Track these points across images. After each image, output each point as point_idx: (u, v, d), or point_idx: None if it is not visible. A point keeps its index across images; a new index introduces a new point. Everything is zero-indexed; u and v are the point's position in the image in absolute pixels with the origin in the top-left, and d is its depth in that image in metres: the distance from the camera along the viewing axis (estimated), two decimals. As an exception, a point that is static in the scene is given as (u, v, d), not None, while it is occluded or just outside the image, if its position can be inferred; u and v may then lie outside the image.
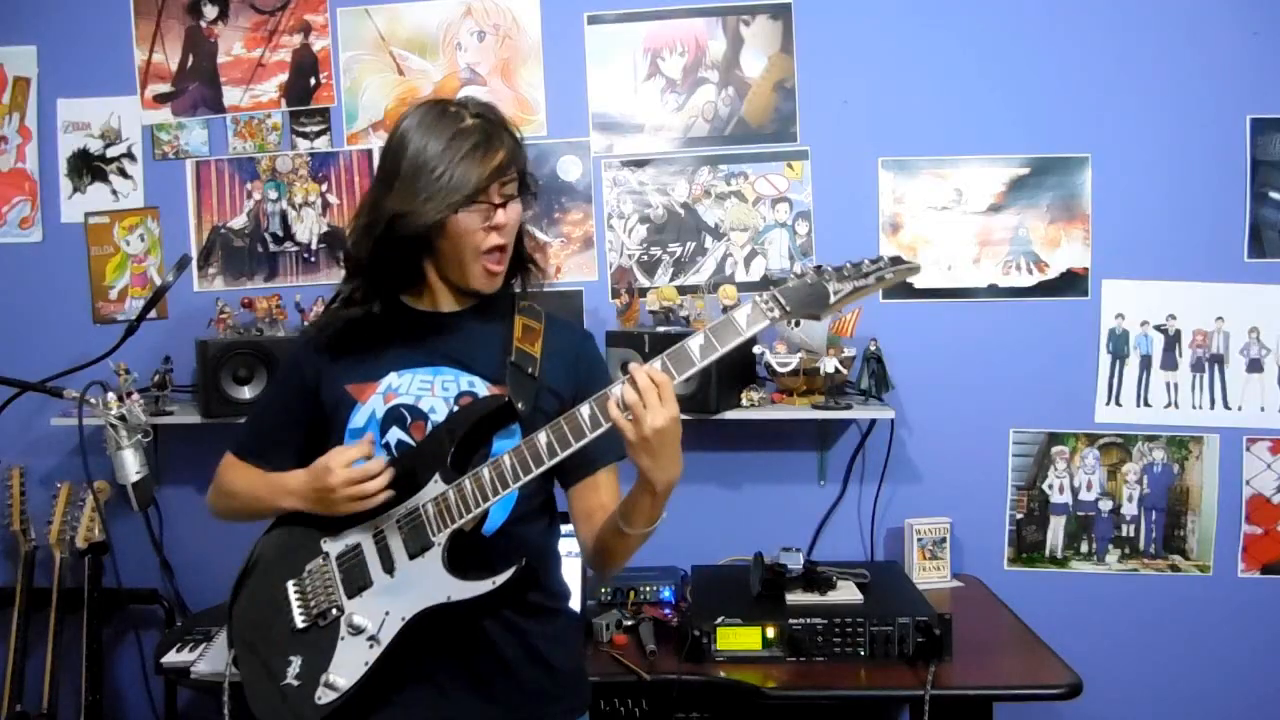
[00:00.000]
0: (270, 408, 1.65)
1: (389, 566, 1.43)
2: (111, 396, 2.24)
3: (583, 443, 1.34)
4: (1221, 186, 2.51)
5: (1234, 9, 2.47)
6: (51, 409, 2.42)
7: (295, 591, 1.48)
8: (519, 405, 1.43)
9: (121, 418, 2.21)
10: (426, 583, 1.40)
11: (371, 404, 1.48)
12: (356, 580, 1.44)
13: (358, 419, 1.48)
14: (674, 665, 2.04)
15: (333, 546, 1.47)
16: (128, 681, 2.78)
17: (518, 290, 1.58)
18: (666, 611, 2.31)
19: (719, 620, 2.06)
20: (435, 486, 1.41)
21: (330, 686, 1.40)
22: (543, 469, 1.35)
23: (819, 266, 1.31)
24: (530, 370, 1.48)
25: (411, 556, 1.41)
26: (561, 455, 1.34)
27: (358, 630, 1.42)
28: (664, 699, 2.05)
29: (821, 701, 2.04)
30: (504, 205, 1.43)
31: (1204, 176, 2.51)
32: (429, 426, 1.46)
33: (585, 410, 1.33)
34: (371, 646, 1.40)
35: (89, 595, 2.53)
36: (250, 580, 1.55)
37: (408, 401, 1.47)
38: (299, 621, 1.46)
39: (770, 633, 2.05)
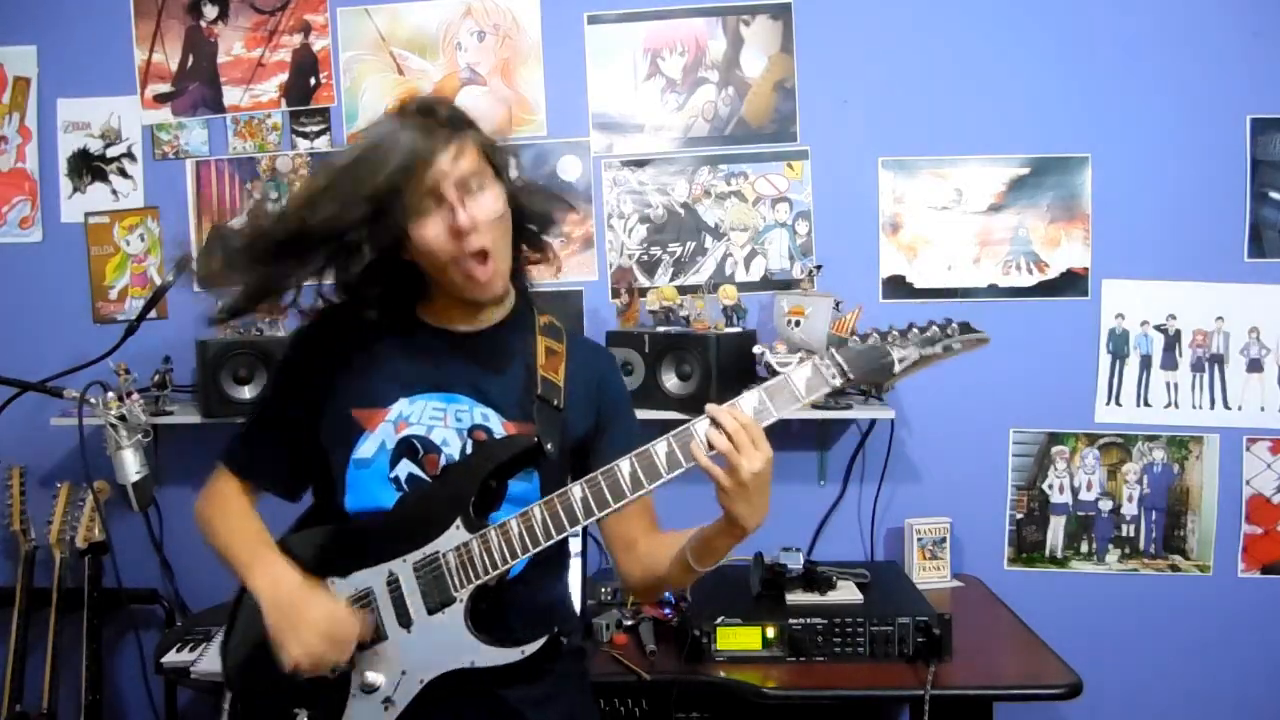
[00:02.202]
0: (265, 417, 1.47)
1: (405, 620, 1.32)
2: (111, 396, 2.24)
3: (623, 504, 1.26)
4: (1221, 186, 2.51)
5: (1234, 9, 2.47)
6: (51, 409, 2.42)
7: None
8: (548, 447, 1.33)
9: (121, 418, 2.21)
10: (447, 643, 1.30)
11: (381, 433, 1.35)
12: None
13: (365, 449, 1.35)
14: (674, 665, 2.04)
15: (341, 589, 1.34)
16: (128, 681, 2.78)
17: (535, 302, 1.47)
18: (666, 611, 2.31)
19: (719, 620, 2.06)
20: (457, 534, 1.31)
21: None
22: (576, 528, 1.27)
23: (885, 333, 1.22)
24: (556, 403, 1.38)
25: (431, 611, 1.31)
26: (599, 515, 1.27)
27: (370, 689, 1.32)
28: (664, 699, 2.05)
29: (821, 701, 2.04)
30: (463, 207, 1.27)
31: (1204, 176, 2.51)
32: (442, 460, 1.35)
33: (625, 467, 1.24)
34: (387, 709, 1.31)
35: (89, 595, 2.53)
36: (243, 614, 1.40)
37: (419, 432, 1.35)
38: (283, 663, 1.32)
39: (770, 633, 2.05)
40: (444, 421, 1.36)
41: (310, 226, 1.26)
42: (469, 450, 1.35)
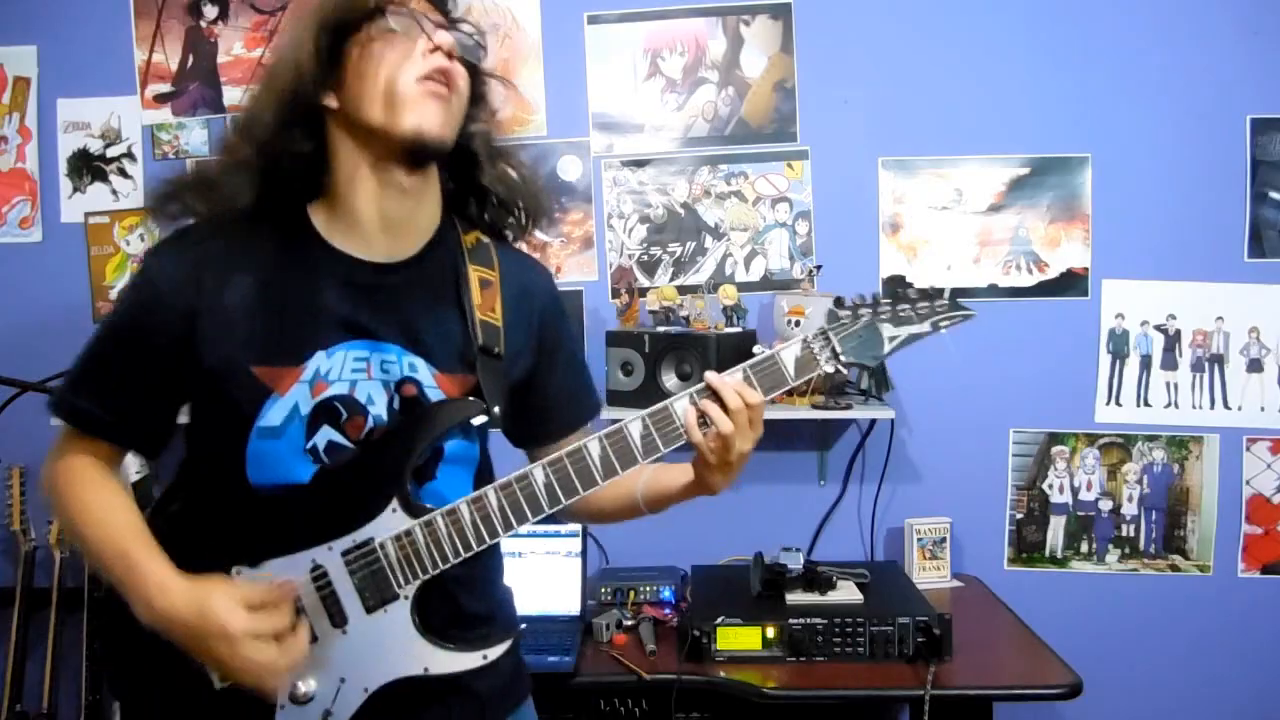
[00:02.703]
0: (120, 361, 1.14)
1: (339, 619, 1.12)
2: (111, 396, 2.24)
3: (591, 490, 1.14)
4: (1221, 186, 2.51)
5: (1234, 9, 2.47)
6: (52, 409, 2.42)
7: None
8: (495, 410, 1.16)
9: (121, 418, 2.21)
10: (392, 646, 1.12)
11: (294, 396, 1.10)
12: None
13: (272, 416, 1.10)
14: (674, 665, 2.03)
15: (251, 579, 1.11)
16: (128, 681, 2.78)
17: (460, 220, 1.25)
18: (666, 611, 2.31)
19: (719, 620, 2.06)
20: (394, 518, 1.12)
21: None
22: (540, 517, 1.13)
23: (874, 305, 1.18)
24: (497, 350, 1.19)
25: (369, 610, 1.12)
26: (565, 503, 1.13)
27: (303, 699, 1.11)
28: (664, 699, 2.05)
29: (821, 701, 2.03)
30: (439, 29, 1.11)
31: (1204, 176, 2.51)
32: (369, 422, 1.13)
33: (595, 449, 1.12)
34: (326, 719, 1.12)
35: (89, 595, 2.53)
36: (118, 619, 1.12)
37: (341, 391, 1.12)
38: (216, 680, 1.11)
39: (770, 633, 2.05)
40: (367, 373, 1.13)
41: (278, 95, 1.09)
42: (396, 407, 1.14)
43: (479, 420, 1.17)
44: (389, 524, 1.12)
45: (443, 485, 1.18)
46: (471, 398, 1.17)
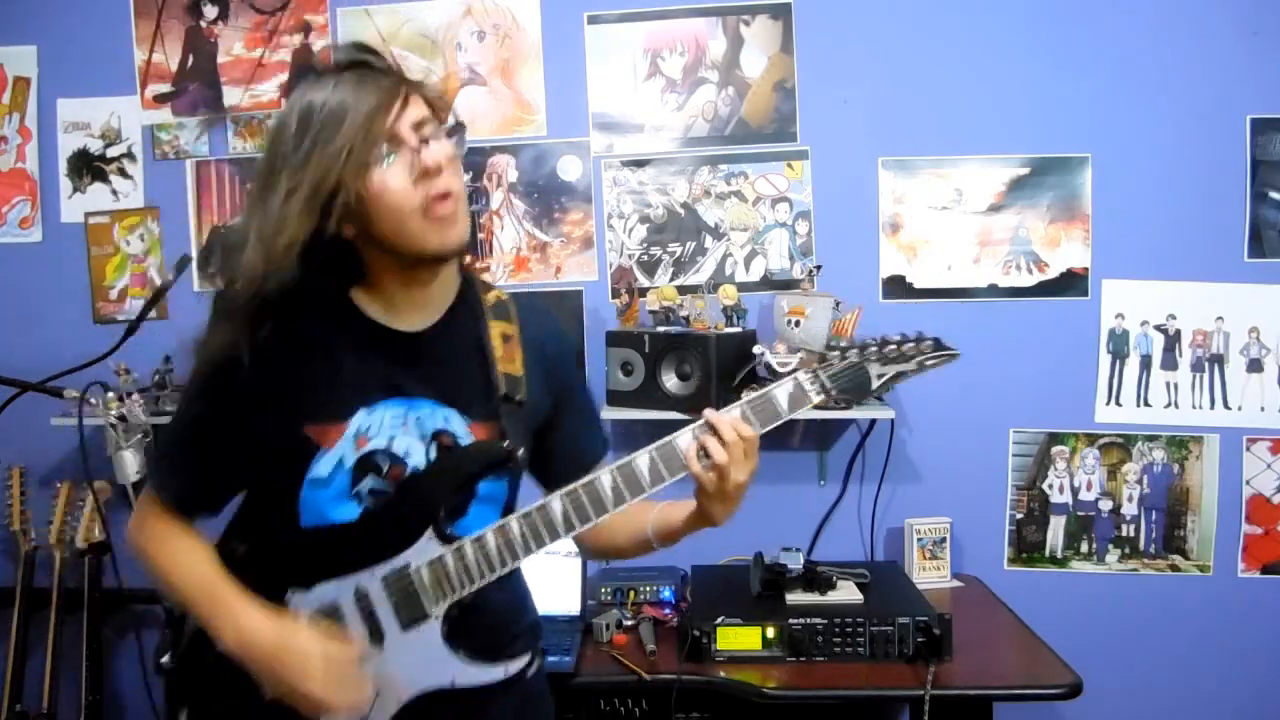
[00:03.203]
0: (197, 438, 1.30)
1: (377, 637, 1.24)
2: (111, 396, 2.25)
3: (604, 517, 1.24)
4: (1221, 186, 2.51)
5: (1234, 9, 2.47)
6: (51, 409, 2.42)
7: None
8: (520, 453, 1.28)
9: (121, 418, 2.22)
10: (424, 660, 1.25)
11: (339, 450, 1.23)
12: None
13: (321, 468, 1.23)
14: (674, 665, 2.04)
15: (302, 604, 1.24)
16: (128, 681, 2.78)
17: (476, 280, 1.37)
18: (666, 611, 2.32)
19: (719, 620, 2.06)
20: (429, 546, 1.24)
21: None
22: (556, 541, 1.24)
23: (864, 347, 1.27)
24: (519, 398, 1.31)
25: (404, 628, 1.24)
26: (580, 529, 1.23)
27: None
28: (664, 699, 2.05)
29: (821, 701, 2.04)
30: (425, 145, 1.18)
31: (1204, 176, 2.51)
32: (407, 470, 1.26)
33: (606, 480, 1.22)
34: None
35: (89, 595, 2.54)
36: (189, 626, 1.31)
37: (381, 445, 1.25)
38: (268, 691, 1.23)
39: (770, 633, 2.05)
40: (405, 427, 1.26)
41: (284, 238, 1.14)
42: (433, 456, 1.27)
43: (502, 460, 1.28)
44: (424, 551, 1.24)
45: (473, 521, 1.29)
46: (498, 442, 1.29)
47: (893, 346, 1.27)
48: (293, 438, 1.23)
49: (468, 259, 1.37)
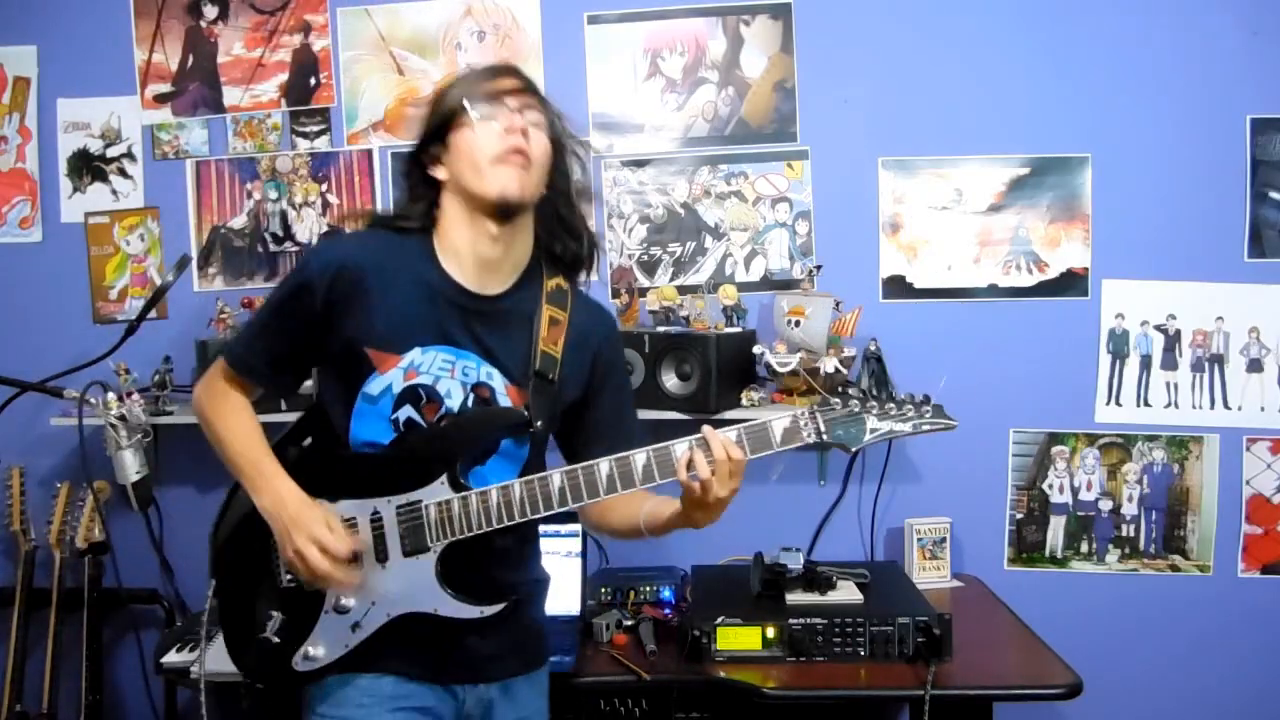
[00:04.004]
0: (276, 326, 1.51)
1: (382, 555, 1.45)
2: (111, 396, 2.25)
3: (595, 500, 1.40)
4: (1221, 186, 2.51)
5: (1234, 9, 2.47)
6: (51, 409, 2.42)
7: None
8: (538, 424, 1.46)
9: (121, 418, 2.22)
10: (417, 585, 1.44)
11: (390, 377, 1.44)
12: None
13: (373, 387, 1.45)
14: (674, 665, 2.04)
15: (332, 510, 1.46)
16: (128, 681, 2.78)
17: (548, 269, 1.55)
18: (666, 611, 2.31)
19: (719, 620, 2.06)
20: (441, 489, 1.43)
21: (309, 658, 1.46)
22: (550, 513, 1.41)
23: (864, 399, 1.37)
24: (551, 376, 1.49)
25: (406, 554, 1.44)
26: (573, 505, 1.40)
27: (343, 610, 1.45)
28: (664, 699, 2.05)
29: (821, 701, 2.04)
30: (521, 120, 1.44)
31: (1204, 176, 2.51)
32: (442, 409, 1.45)
33: (604, 469, 1.39)
34: (354, 630, 1.45)
35: (89, 595, 2.54)
36: (231, 515, 1.55)
37: (426, 381, 1.45)
38: (284, 580, 1.48)
39: (770, 633, 2.05)
40: (451, 373, 1.45)
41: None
42: (470, 403, 1.46)
43: (520, 426, 1.46)
44: (436, 493, 1.43)
45: (489, 472, 1.48)
46: (520, 409, 1.47)
47: (893, 405, 1.37)
48: (355, 353, 1.43)
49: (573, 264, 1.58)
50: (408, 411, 1.45)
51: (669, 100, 2.62)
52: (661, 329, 2.42)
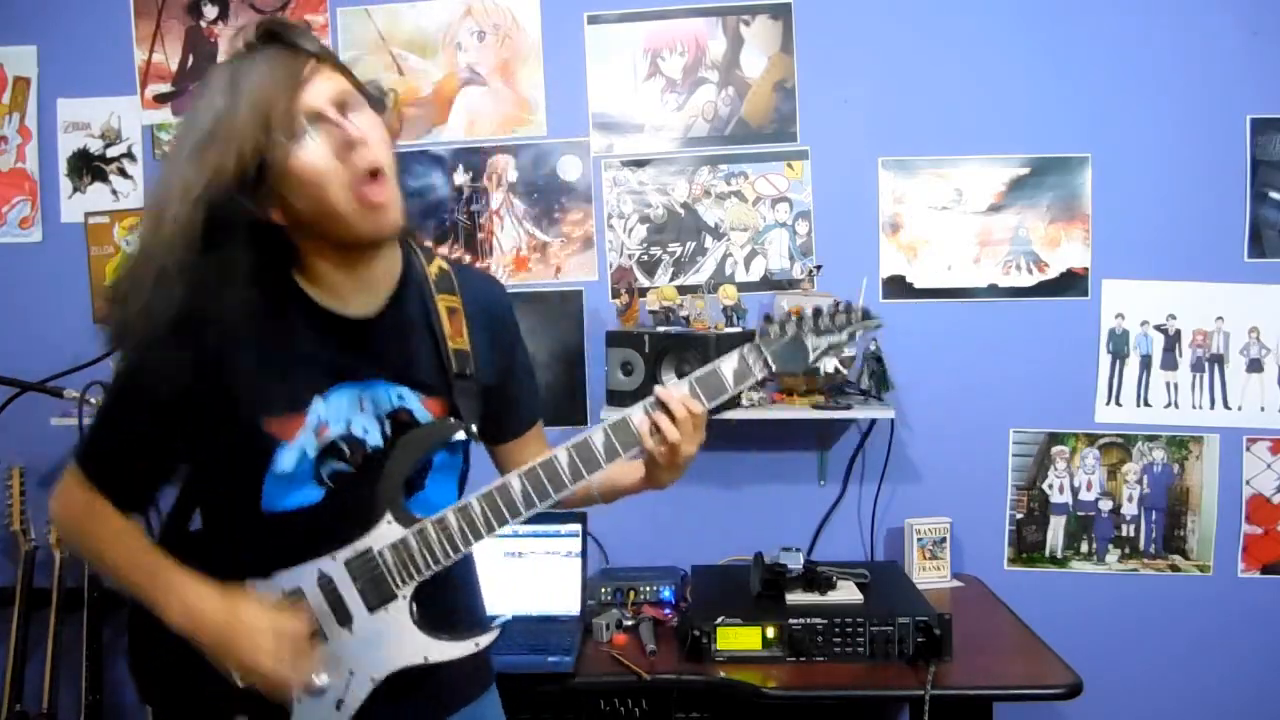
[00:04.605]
0: (132, 432, 1.24)
1: (344, 619, 1.24)
2: (111, 396, 2.24)
3: (563, 494, 1.26)
4: (1221, 186, 2.51)
5: (1234, 9, 2.47)
6: (51, 409, 2.43)
7: None
8: (473, 429, 1.30)
9: (121, 418, 2.21)
10: (395, 639, 1.25)
11: (300, 442, 1.21)
12: None
13: (284, 462, 1.20)
14: (674, 665, 2.04)
15: (265, 592, 1.23)
16: (128, 681, 2.75)
17: (416, 251, 1.33)
18: (666, 611, 2.32)
19: (719, 620, 2.06)
20: (390, 529, 1.24)
21: None
22: (519, 520, 1.26)
23: (801, 320, 1.31)
24: (469, 371, 1.32)
25: (372, 609, 1.24)
26: (540, 506, 1.25)
27: (318, 692, 1.23)
28: (664, 699, 2.05)
29: (821, 701, 2.04)
30: (346, 119, 1.13)
31: (1204, 176, 2.50)
32: (367, 450, 1.26)
33: (564, 458, 1.25)
34: (339, 708, 1.25)
35: (89, 595, 2.53)
36: (144, 629, 1.26)
37: (340, 431, 1.24)
38: (239, 679, 1.21)
39: (770, 633, 2.05)
40: (360, 407, 1.25)
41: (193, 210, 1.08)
42: (389, 432, 1.27)
43: (459, 438, 1.30)
44: (385, 534, 1.24)
45: (431, 493, 1.31)
46: (451, 419, 1.30)
47: (825, 319, 1.31)
48: (249, 432, 1.19)
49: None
50: (333, 466, 1.24)
51: (669, 100, 2.62)
52: (661, 329, 2.42)
